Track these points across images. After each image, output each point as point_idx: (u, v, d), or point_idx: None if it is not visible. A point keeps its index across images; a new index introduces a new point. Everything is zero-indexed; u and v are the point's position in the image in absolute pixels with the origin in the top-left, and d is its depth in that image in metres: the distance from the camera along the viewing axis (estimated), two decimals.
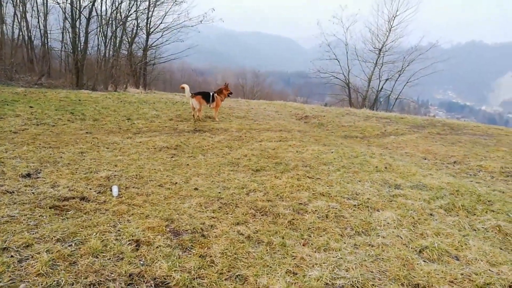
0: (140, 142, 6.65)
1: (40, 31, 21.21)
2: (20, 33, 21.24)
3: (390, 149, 8.08)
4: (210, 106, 9.81)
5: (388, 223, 3.75)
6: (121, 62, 20.89)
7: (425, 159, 7.06)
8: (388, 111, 22.29)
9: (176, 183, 4.59)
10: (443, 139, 9.32)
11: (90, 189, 4.17)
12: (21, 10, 20.02)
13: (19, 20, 20.67)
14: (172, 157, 5.87)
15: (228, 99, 12.69)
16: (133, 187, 4.36)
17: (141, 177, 4.72)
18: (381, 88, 25.74)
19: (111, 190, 4.17)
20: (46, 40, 21.17)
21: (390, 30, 24.88)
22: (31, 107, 9.23)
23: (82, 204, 3.72)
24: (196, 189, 4.43)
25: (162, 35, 23.51)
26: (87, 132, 7.27)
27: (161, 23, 23.36)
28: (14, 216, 3.30)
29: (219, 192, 4.34)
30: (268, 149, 6.71)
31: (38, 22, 21.25)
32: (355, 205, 4.16)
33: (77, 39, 16.28)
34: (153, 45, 24.03)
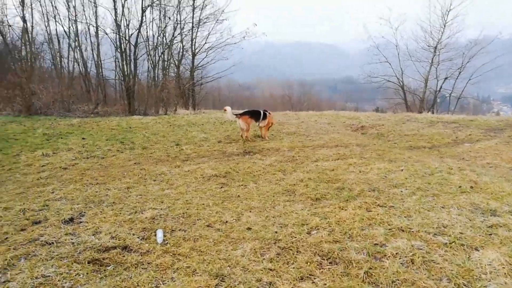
0: (188, 171, 6.26)
1: (94, 62, 22.29)
2: (76, 66, 22.51)
3: (467, 160, 7.02)
4: (259, 124, 9.29)
5: (495, 269, 2.91)
6: (170, 85, 21.25)
7: None
8: (449, 113, 20.53)
9: (226, 221, 4.06)
10: None
11: (133, 234, 3.75)
12: (74, 44, 21.20)
13: (74, 53, 21.88)
14: (221, 187, 5.38)
15: (277, 112, 12.15)
16: (180, 229, 3.89)
17: (188, 216, 4.25)
18: (440, 88, 23.86)
19: (155, 235, 3.73)
20: (100, 70, 22.20)
21: (444, 26, 23.10)
22: (83, 138, 9.30)
23: (124, 256, 3.29)
24: (249, 228, 3.86)
25: (207, 55, 23.75)
26: (135, 163, 7.05)
27: (205, 43, 23.65)
28: (49, 276, 2.93)
29: (276, 232, 3.73)
30: (326, 170, 6.01)
31: (93, 53, 22.38)
32: (445, 243, 3.34)
33: (125, 66, 16.64)
34: (199, 65, 24.32)
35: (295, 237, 3.59)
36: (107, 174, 6.20)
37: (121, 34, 16.79)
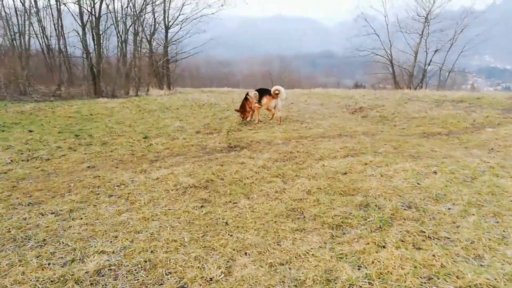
0: (157, 179, 4.76)
1: (56, 37, 19.94)
2: (35, 42, 20.12)
3: (499, 152, 5.79)
4: (255, 104, 7.94)
5: None
6: (141, 62, 19.27)
7: None
8: (438, 88, 19.53)
9: (211, 279, 2.64)
10: None
11: None
12: (33, 18, 18.77)
13: (32, 27, 19.45)
14: (202, 205, 3.92)
15: None
16: None
17: (152, 266, 2.80)
18: (430, 62, 22.72)
19: None
20: (64, 46, 19.90)
21: None
22: (30, 131, 7.60)
23: None
24: None
25: (181, 28, 21.69)
26: (89, 167, 5.49)
27: (179, 14, 21.57)
28: None
29: None
30: (337, 174, 4.63)
31: (55, 28, 19.97)
32: None
33: (88, 42, 14.63)
34: (173, 39, 22.26)
35: None
36: (48, 186, 4.63)
37: (81, 4, 14.63)
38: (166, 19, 21.33)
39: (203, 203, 3.99)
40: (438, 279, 2.51)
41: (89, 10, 15.18)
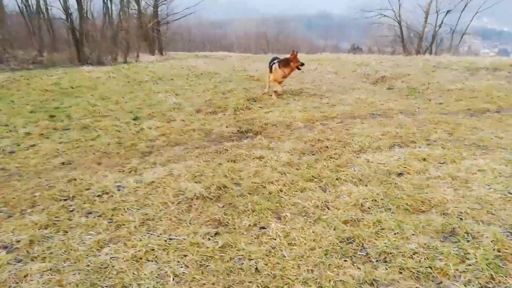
0: (151, 183, 3.58)
1: None
2: (12, 1, 18.20)
3: None
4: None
5: None
6: (129, 24, 17.51)
7: None
8: (453, 53, 18.17)
9: None
10: None
11: None
12: None
13: None
14: (216, 233, 2.77)
15: (259, 56, 9.33)
16: None
17: None
18: (441, 23, 21.11)
19: None
20: (45, 6, 18.01)
21: None
22: None
23: None
24: None
25: None
26: (63, 163, 4.28)
27: None
28: None
29: None
30: (391, 175, 3.49)
31: None
32: None
33: (68, 0, 12.92)
34: None
35: None
36: (5, 196, 3.45)
37: None
38: None
39: (218, 228, 2.84)
40: None
41: None
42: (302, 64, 7.13)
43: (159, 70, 10.81)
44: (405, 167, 3.64)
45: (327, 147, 4.34)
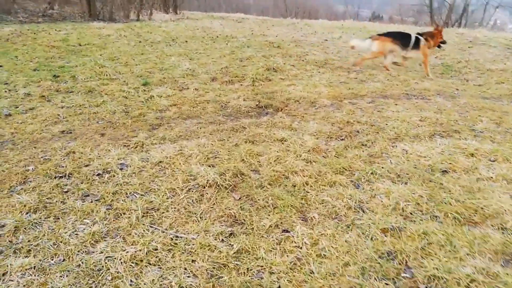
0: (159, 164, 3.16)
1: None
2: None
3: None
4: (404, 54, 6.40)
5: None
6: None
7: None
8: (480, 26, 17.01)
9: None
10: None
11: None
12: None
13: None
14: (230, 233, 2.36)
15: (277, 20, 8.65)
16: None
17: None
18: None
19: None
20: None
21: None
22: None
23: None
24: None
25: None
26: (63, 132, 3.86)
27: None
28: None
29: None
30: (434, 172, 3.01)
31: None
32: None
33: None
34: None
35: None
36: None
37: None
38: None
39: (233, 226, 2.43)
40: None
41: None
42: (444, 42, 6.46)
43: (173, 31, 10.17)
44: (450, 163, 3.14)
45: (357, 131, 3.84)
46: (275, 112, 4.45)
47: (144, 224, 2.42)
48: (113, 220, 2.45)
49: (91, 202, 2.64)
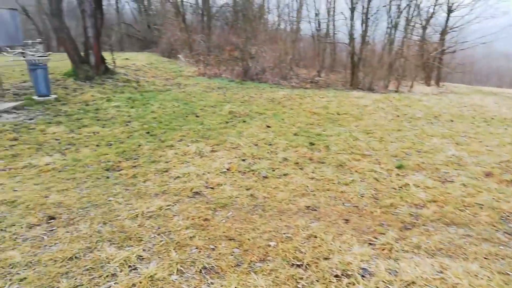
0: (411, 284, 2.45)
1: (327, 20, 19.76)
2: (305, 26, 20.63)
3: None
4: None
5: None
6: (410, 51, 16.46)
7: None
8: None
9: None
10: None
11: None
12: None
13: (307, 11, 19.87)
14: None
15: None
16: None
17: None
18: None
19: None
20: (333, 30, 19.58)
21: None
22: (268, 127, 6.64)
23: None
24: None
25: (471, 10, 17.26)
26: (308, 207, 3.71)
27: None
28: None
29: None
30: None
31: (328, 11, 19.81)
32: None
33: (353, 26, 13.13)
34: (455, 25, 18.09)
35: None
36: (240, 234, 3.13)
37: None
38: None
39: None
40: None
41: None
42: None
43: (435, 106, 9.27)
44: None
45: None
46: None
47: None
48: None
49: None
